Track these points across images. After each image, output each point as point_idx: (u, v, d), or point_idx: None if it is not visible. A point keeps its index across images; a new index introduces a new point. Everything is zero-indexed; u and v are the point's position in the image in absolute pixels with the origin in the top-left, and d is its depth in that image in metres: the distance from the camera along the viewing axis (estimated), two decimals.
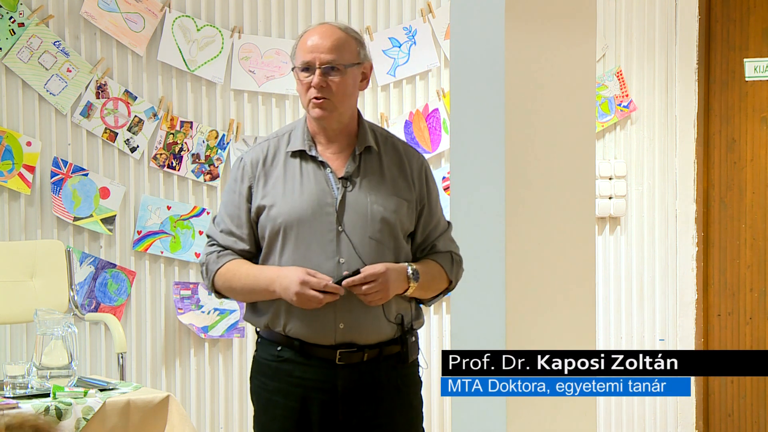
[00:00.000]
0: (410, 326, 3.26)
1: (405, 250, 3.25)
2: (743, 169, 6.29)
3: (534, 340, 3.93)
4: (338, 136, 3.27)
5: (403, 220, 3.24)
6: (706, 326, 6.41)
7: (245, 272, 3.22)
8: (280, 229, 3.19)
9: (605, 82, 6.28)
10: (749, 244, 6.29)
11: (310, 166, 3.24)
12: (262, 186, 3.24)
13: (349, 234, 3.18)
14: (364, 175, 3.24)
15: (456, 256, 3.34)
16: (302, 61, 3.21)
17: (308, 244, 3.18)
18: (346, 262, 3.16)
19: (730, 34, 6.32)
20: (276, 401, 3.24)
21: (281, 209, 3.20)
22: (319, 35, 3.23)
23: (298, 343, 3.20)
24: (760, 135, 6.24)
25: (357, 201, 3.21)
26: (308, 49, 3.21)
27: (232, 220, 3.27)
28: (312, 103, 3.21)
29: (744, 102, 6.28)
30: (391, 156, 3.29)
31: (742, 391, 6.29)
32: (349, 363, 3.19)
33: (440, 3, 6.00)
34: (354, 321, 3.17)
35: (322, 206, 3.19)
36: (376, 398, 3.21)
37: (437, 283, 3.29)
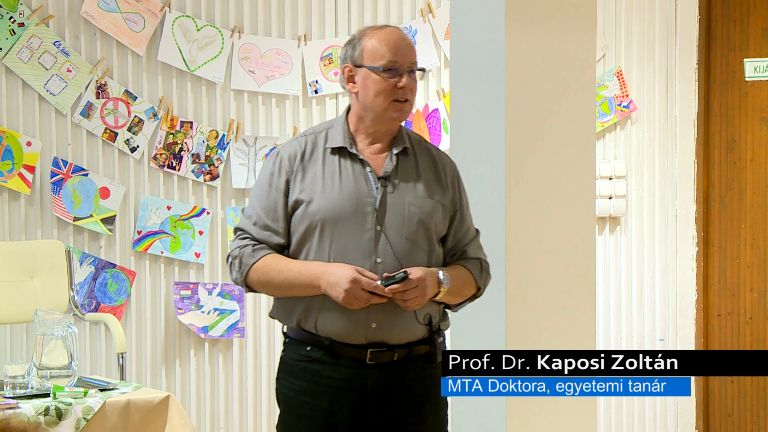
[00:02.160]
0: (438, 327, 3.26)
1: (437, 252, 3.26)
2: (743, 169, 6.29)
3: (534, 340, 3.93)
4: (383, 136, 3.27)
5: (437, 223, 3.25)
6: (706, 326, 6.41)
7: (285, 266, 3.20)
8: (318, 225, 3.18)
9: (605, 82, 6.28)
10: (749, 244, 6.29)
11: (350, 164, 3.23)
12: (299, 180, 3.22)
13: (387, 234, 3.18)
14: (402, 177, 3.25)
15: (485, 263, 3.35)
16: (388, 61, 3.21)
17: (345, 242, 3.17)
18: (383, 262, 3.16)
19: (730, 34, 6.32)
20: (303, 401, 3.23)
21: (320, 205, 3.19)
22: (398, 37, 3.24)
23: (328, 342, 3.19)
24: (760, 135, 6.24)
25: (396, 201, 3.21)
26: (394, 50, 3.21)
27: (268, 213, 3.24)
28: (394, 105, 3.22)
29: (744, 102, 6.28)
30: (426, 159, 3.30)
31: (742, 391, 6.29)
32: (379, 362, 3.19)
33: (440, 3, 6.00)
34: (386, 321, 3.17)
35: (361, 205, 3.19)
36: (405, 398, 3.22)
37: (465, 289, 3.29)
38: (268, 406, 5.79)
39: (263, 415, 5.78)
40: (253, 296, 5.72)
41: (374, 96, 3.22)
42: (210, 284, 5.66)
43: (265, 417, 5.78)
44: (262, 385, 5.78)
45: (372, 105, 3.23)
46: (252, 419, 5.76)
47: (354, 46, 3.26)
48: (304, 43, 5.81)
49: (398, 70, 3.21)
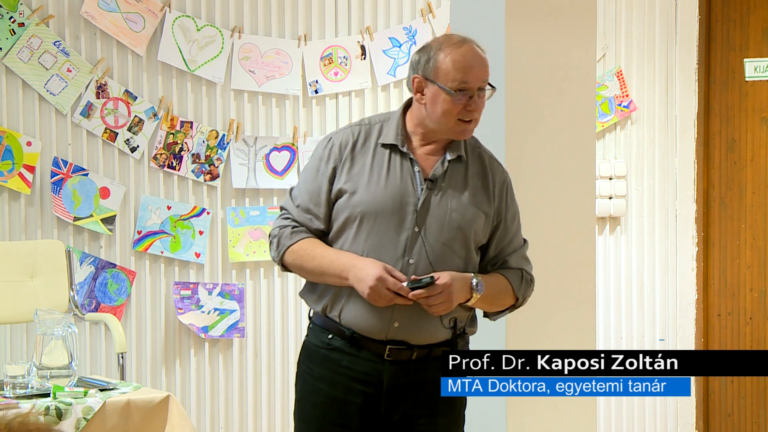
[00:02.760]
0: (462, 330, 3.26)
1: (474, 261, 3.24)
2: (743, 169, 6.29)
3: (534, 340, 3.92)
4: (437, 140, 3.26)
5: (477, 231, 3.23)
6: (706, 326, 6.41)
7: (320, 253, 3.19)
8: (357, 217, 3.17)
9: (605, 82, 6.28)
10: (749, 244, 6.29)
11: (399, 161, 3.22)
12: (347, 170, 3.22)
13: (425, 236, 3.17)
14: (449, 182, 3.22)
15: (527, 274, 3.33)
16: (462, 82, 3.17)
17: (381, 238, 3.16)
18: (416, 263, 3.15)
19: (731, 34, 6.32)
20: (320, 388, 3.23)
21: (362, 197, 3.18)
22: (474, 58, 3.20)
23: (350, 333, 3.19)
24: (760, 135, 6.24)
25: (438, 205, 3.20)
26: (468, 72, 3.18)
27: (311, 198, 3.23)
28: (460, 123, 3.19)
29: (744, 102, 6.28)
30: (477, 167, 3.28)
31: (742, 391, 6.29)
32: (398, 360, 3.19)
33: (440, 3, 6.00)
34: (409, 322, 3.17)
35: (403, 204, 3.18)
36: (420, 397, 3.22)
37: (502, 298, 3.28)
38: (268, 405, 5.79)
39: (263, 414, 5.78)
40: (252, 296, 5.73)
41: (441, 114, 3.19)
42: (210, 284, 5.66)
43: (265, 417, 5.78)
44: (263, 385, 5.78)
45: (437, 121, 3.21)
46: (252, 419, 5.76)
47: (429, 59, 3.21)
48: (305, 43, 5.81)
49: (468, 93, 3.18)
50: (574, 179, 4.16)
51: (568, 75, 4.13)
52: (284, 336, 5.79)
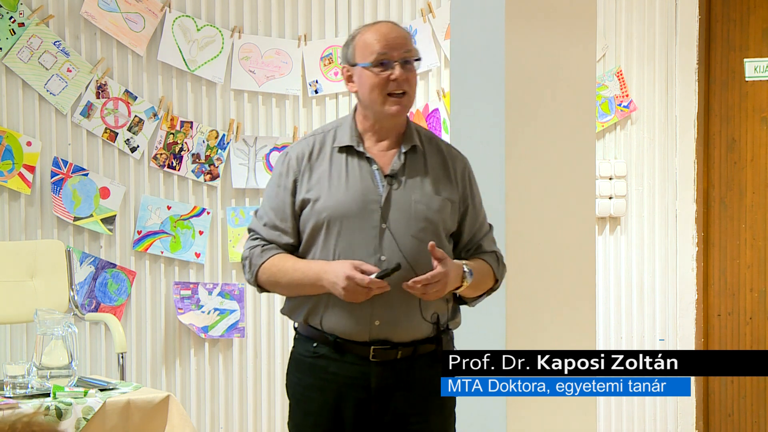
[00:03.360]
0: (446, 326, 3.27)
1: (446, 249, 3.27)
2: (743, 169, 6.29)
3: (534, 340, 3.92)
4: (389, 133, 3.28)
5: (445, 219, 3.25)
6: (706, 326, 6.41)
7: (291, 267, 3.22)
8: (324, 223, 3.20)
9: (605, 82, 6.28)
10: (749, 244, 6.29)
11: (356, 162, 3.25)
12: (306, 180, 3.24)
13: (392, 231, 3.19)
14: (409, 174, 3.25)
15: (500, 255, 3.37)
16: (378, 54, 3.20)
17: (351, 240, 3.19)
18: (388, 260, 3.17)
19: (731, 34, 6.32)
20: (311, 397, 3.25)
21: (326, 203, 3.21)
22: (388, 30, 3.24)
23: (333, 338, 3.21)
24: (760, 135, 6.24)
25: (402, 199, 3.22)
26: (383, 44, 3.21)
27: (277, 213, 3.26)
28: (390, 99, 3.22)
29: (744, 102, 6.28)
30: (435, 156, 3.30)
31: (742, 391, 6.29)
32: (384, 360, 3.20)
33: (440, 3, 6.00)
34: (390, 319, 3.18)
35: (367, 202, 3.21)
36: (409, 396, 3.23)
37: (485, 282, 3.31)
38: (268, 405, 5.79)
39: (263, 414, 5.78)
40: (252, 296, 5.73)
41: (369, 92, 3.23)
42: (210, 284, 5.66)
43: (265, 417, 5.78)
44: (262, 385, 5.78)
45: (370, 102, 3.24)
46: (252, 419, 5.76)
47: (348, 46, 3.27)
48: (304, 43, 5.81)
49: (390, 63, 3.20)
50: (574, 179, 4.16)
51: (568, 75, 4.13)
52: (284, 336, 5.79)
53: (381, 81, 3.20)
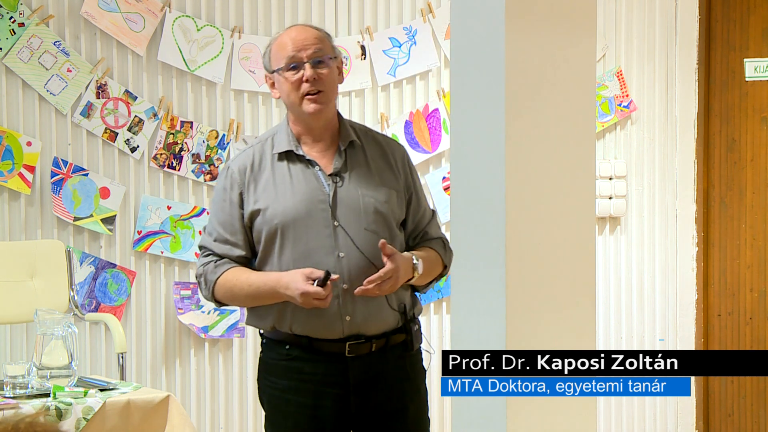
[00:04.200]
0: (412, 315, 3.30)
1: (399, 238, 3.31)
2: (743, 169, 6.29)
3: (534, 340, 3.92)
4: (323, 134, 3.31)
5: (394, 209, 3.29)
6: (706, 326, 6.41)
7: (246, 280, 3.24)
8: (277, 230, 3.22)
9: (605, 82, 6.28)
10: (749, 244, 6.29)
11: (299, 166, 3.28)
12: (252, 191, 3.26)
13: (345, 228, 3.21)
14: (352, 170, 3.28)
15: (446, 241, 3.42)
16: (288, 57, 3.25)
17: (306, 242, 3.21)
18: (346, 256, 3.20)
19: (731, 34, 6.32)
20: (288, 399, 3.27)
21: (276, 210, 3.23)
22: (297, 33, 3.28)
23: (306, 340, 3.22)
24: (760, 135, 6.24)
25: (349, 195, 3.25)
26: (292, 46, 3.26)
27: (225, 228, 3.28)
28: (306, 99, 3.25)
29: (744, 102, 6.28)
30: (374, 149, 3.35)
31: (742, 391, 6.29)
32: (359, 354, 3.22)
33: (440, 3, 6.00)
34: (359, 312, 3.21)
35: (315, 203, 3.23)
36: (387, 387, 3.25)
37: (435, 270, 3.35)
38: None
39: (263, 415, 5.77)
40: None
41: (287, 96, 3.28)
42: None
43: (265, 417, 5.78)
44: None
45: (290, 105, 3.29)
46: (252, 419, 5.76)
47: (265, 55, 3.33)
48: None
49: (300, 65, 3.24)
50: (574, 179, 4.16)
51: (568, 75, 4.13)
52: None
53: (294, 83, 3.25)
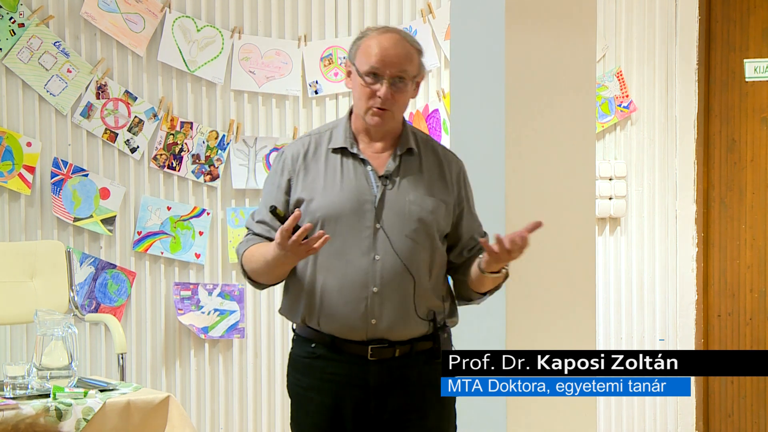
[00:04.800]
0: (443, 323, 3.29)
1: (440, 250, 3.29)
2: (743, 170, 6.29)
3: (534, 340, 3.93)
4: (382, 137, 3.29)
5: (439, 221, 3.27)
6: (706, 327, 6.41)
7: (257, 251, 3.24)
8: (318, 223, 3.20)
9: (605, 82, 6.28)
10: (749, 244, 6.29)
11: (351, 164, 3.26)
12: (301, 179, 3.26)
13: (386, 231, 3.20)
14: (404, 175, 3.27)
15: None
16: (371, 67, 3.22)
17: (344, 239, 3.20)
18: (381, 259, 3.19)
19: (730, 35, 6.32)
20: (310, 397, 3.27)
21: (320, 203, 3.22)
22: (390, 44, 3.23)
23: (330, 339, 3.23)
24: (760, 135, 6.24)
25: (395, 199, 3.23)
26: (379, 56, 3.22)
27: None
28: (372, 111, 3.23)
29: (744, 102, 6.28)
30: (431, 158, 3.32)
31: (742, 392, 6.29)
32: (381, 359, 3.21)
33: (440, 3, 6.00)
34: (386, 318, 3.20)
35: (361, 203, 3.22)
36: (408, 393, 3.24)
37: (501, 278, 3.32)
38: (268, 406, 5.79)
39: (263, 415, 5.78)
40: (252, 297, 5.73)
41: (356, 98, 3.27)
42: (210, 285, 5.66)
43: (265, 417, 5.78)
44: (262, 386, 5.78)
45: (355, 105, 3.29)
46: (252, 420, 5.76)
47: (355, 43, 3.30)
48: (305, 44, 5.81)
49: (380, 78, 3.22)
50: (574, 180, 4.16)
51: (568, 75, 4.14)
52: (284, 337, 5.79)
53: (367, 93, 3.23)
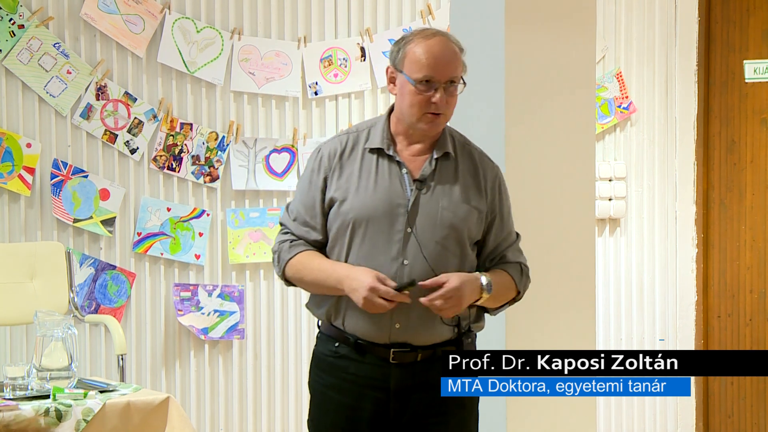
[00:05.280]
0: (467, 329, 3.27)
1: (470, 257, 3.26)
2: (743, 171, 6.30)
3: (534, 340, 3.92)
4: (421, 139, 3.27)
5: (471, 228, 3.24)
6: (706, 327, 6.41)
7: (317, 266, 3.22)
8: (350, 225, 3.20)
9: (605, 83, 6.28)
10: (749, 245, 6.29)
11: (386, 165, 3.24)
12: (336, 178, 3.24)
13: (418, 236, 3.18)
14: (439, 180, 3.24)
15: (525, 267, 3.35)
16: (425, 75, 3.18)
17: (375, 242, 3.18)
18: (410, 264, 3.17)
19: (730, 36, 6.32)
20: (330, 396, 3.27)
21: (353, 204, 3.21)
22: (440, 49, 3.20)
23: (354, 339, 3.22)
24: (759, 136, 6.24)
25: (429, 204, 3.21)
26: (433, 64, 3.18)
27: (307, 210, 3.27)
28: (426, 117, 3.20)
29: (744, 103, 6.28)
30: (467, 164, 3.29)
31: (742, 392, 6.29)
32: (403, 362, 3.21)
33: (440, 4, 6.00)
34: (410, 322, 3.18)
35: (393, 206, 3.20)
36: (428, 397, 3.22)
37: (507, 294, 3.30)
38: (268, 407, 5.78)
39: (263, 416, 5.78)
40: (252, 298, 5.73)
41: (408, 106, 3.22)
42: (210, 286, 5.66)
43: (265, 418, 5.78)
44: (262, 387, 5.78)
45: (406, 113, 3.23)
46: (252, 420, 5.76)
47: (399, 49, 3.24)
48: (304, 45, 5.81)
49: (434, 85, 3.19)
50: (573, 181, 4.16)
51: (568, 76, 4.14)
52: (284, 337, 5.79)
53: (421, 100, 3.20)
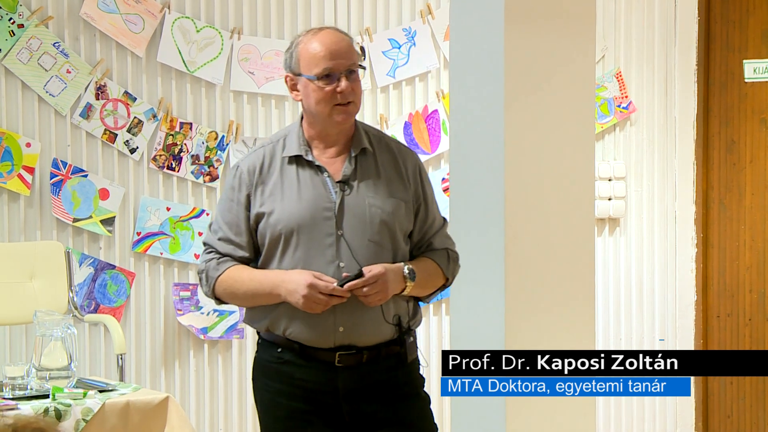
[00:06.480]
0: (408, 326, 3.27)
1: (403, 250, 3.26)
2: (743, 171, 6.30)
3: (534, 340, 3.92)
4: (338, 139, 3.27)
5: (401, 220, 3.25)
6: (706, 327, 6.41)
7: (248, 277, 3.23)
8: (281, 236, 3.20)
9: (605, 83, 6.28)
10: (748, 245, 6.29)
11: (307, 172, 3.24)
12: (260, 194, 3.24)
13: (348, 238, 3.19)
14: (361, 178, 3.25)
15: (452, 252, 3.35)
16: (324, 68, 3.18)
17: (308, 249, 3.18)
18: (346, 266, 3.17)
19: (730, 36, 6.32)
20: (279, 402, 3.25)
21: (281, 216, 3.20)
22: (331, 40, 3.21)
23: (298, 345, 3.21)
24: (759, 136, 6.24)
25: (355, 204, 3.21)
26: (329, 55, 3.19)
27: (231, 228, 3.27)
28: (338, 109, 3.20)
29: (743, 103, 6.28)
30: (386, 156, 3.30)
31: (742, 393, 6.29)
32: (349, 365, 3.20)
33: (440, 4, 6.00)
34: (353, 324, 3.18)
35: (320, 211, 3.20)
36: (378, 399, 3.22)
37: (434, 281, 3.30)
38: None
39: None
40: None
41: (315, 104, 3.22)
42: None
43: None
44: None
45: (316, 112, 3.23)
46: (252, 420, 5.76)
47: (291, 54, 3.25)
48: None
49: (335, 76, 3.19)
50: (573, 180, 4.16)
51: (568, 76, 4.14)
52: None
53: (327, 94, 3.19)
